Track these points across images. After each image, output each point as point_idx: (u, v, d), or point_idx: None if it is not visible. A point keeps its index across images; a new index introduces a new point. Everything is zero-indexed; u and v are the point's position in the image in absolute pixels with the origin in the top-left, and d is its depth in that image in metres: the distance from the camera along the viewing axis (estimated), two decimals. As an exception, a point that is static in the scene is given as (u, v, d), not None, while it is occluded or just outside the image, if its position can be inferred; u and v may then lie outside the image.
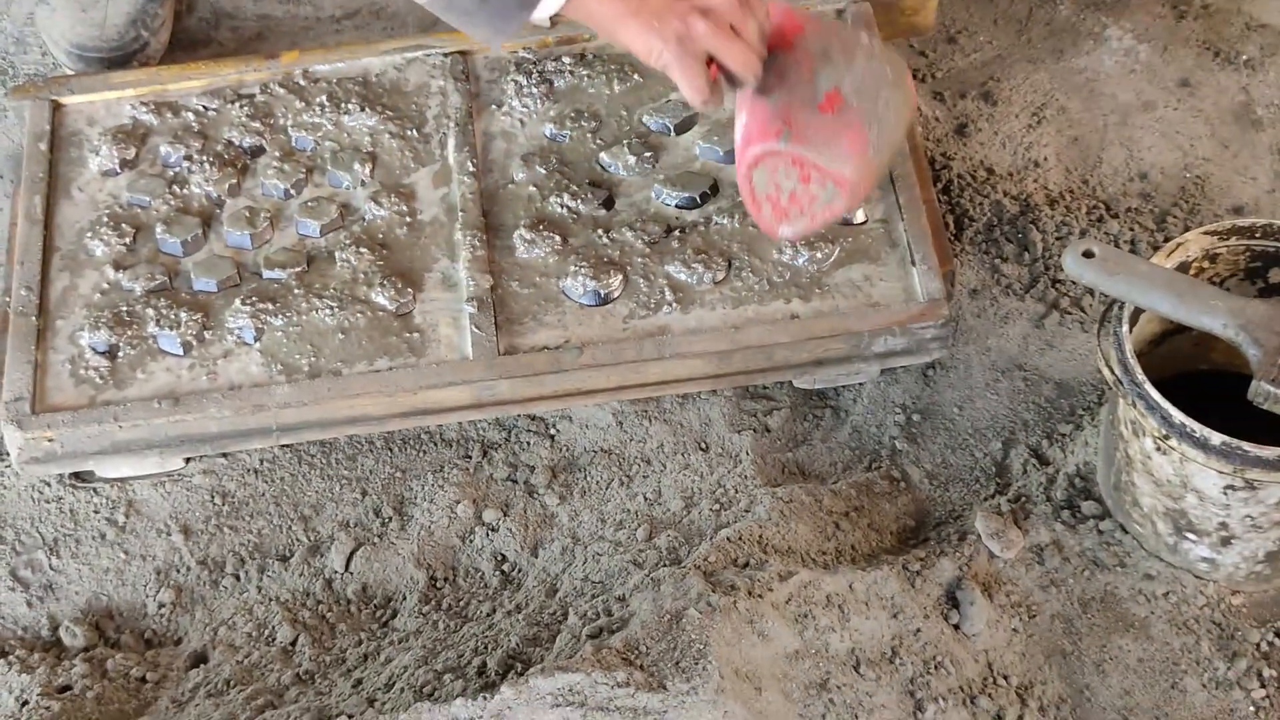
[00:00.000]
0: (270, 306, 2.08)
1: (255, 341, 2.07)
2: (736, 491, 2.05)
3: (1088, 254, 1.83)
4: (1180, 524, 1.89)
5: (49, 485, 2.14)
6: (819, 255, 2.08)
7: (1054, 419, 2.11)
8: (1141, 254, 2.21)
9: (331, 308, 2.08)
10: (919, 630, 1.86)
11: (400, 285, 2.09)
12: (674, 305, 2.06)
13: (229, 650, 1.98)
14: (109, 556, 2.09)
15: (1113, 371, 1.82)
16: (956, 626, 1.89)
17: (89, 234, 2.17)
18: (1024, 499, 2.02)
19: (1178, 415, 1.77)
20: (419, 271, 2.12)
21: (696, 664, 1.69)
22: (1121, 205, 2.31)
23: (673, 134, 2.22)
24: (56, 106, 2.31)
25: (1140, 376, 1.80)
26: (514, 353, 2.04)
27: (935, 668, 1.84)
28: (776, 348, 2.04)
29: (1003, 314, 2.21)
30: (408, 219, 2.17)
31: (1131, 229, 2.27)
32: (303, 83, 2.31)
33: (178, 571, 2.08)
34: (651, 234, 2.12)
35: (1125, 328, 1.83)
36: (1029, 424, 2.11)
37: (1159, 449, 1.82)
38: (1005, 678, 1.87)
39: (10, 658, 1.98)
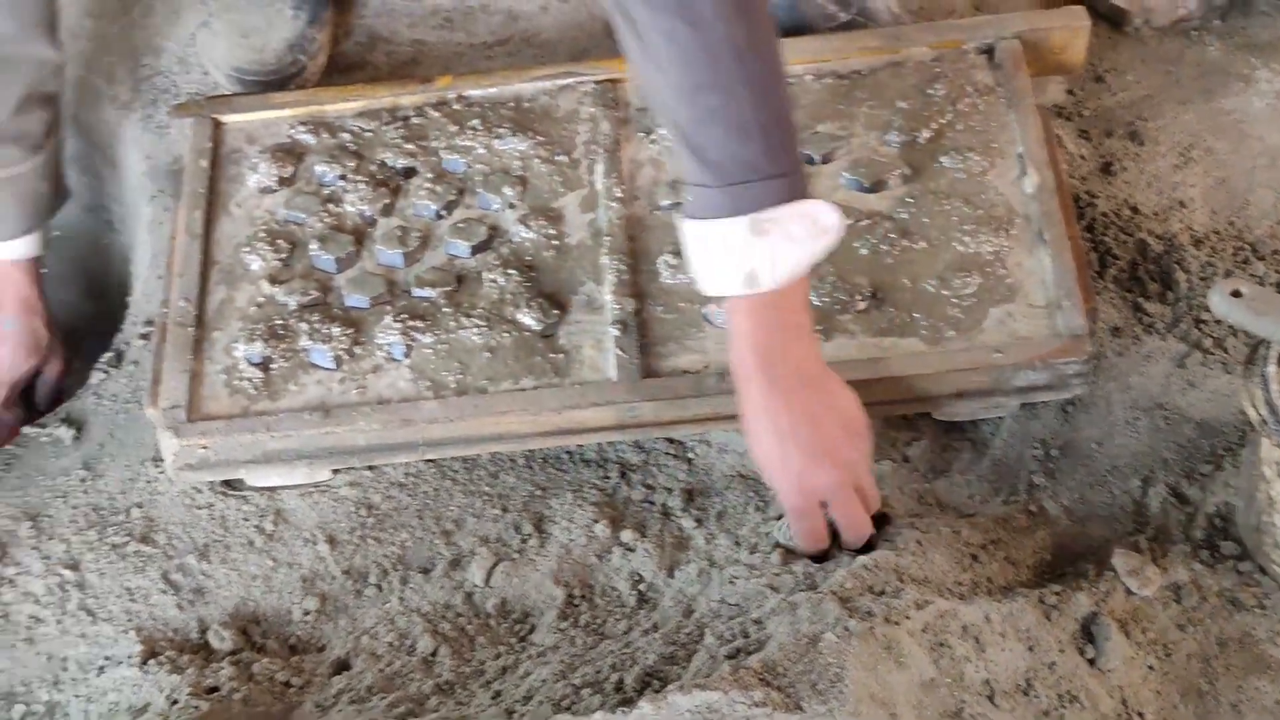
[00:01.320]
0: (420, 324, 2.13)
1: (404, 358, 2.11)
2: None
3: (1235, 293, 1.82)
4: (1323, 567, 1.88)
5: (200, 492, 2.20)
6: (962, 288, 2.09)
7: (1194, 459, 2.09)
8: (1288, 296, 2.20)
9: (479, 326, 2.12)
10: (1054, 663, 1.85)
11: (546, 306, 2.13)
12: (816, 334, 2.07)
13: (371, 659, 2.03)
14: (257, 563, 2.14)
15: (1258, 412, 1.81)
16: (1091, 661, 1.88)
17: (246, 249, 2.24)
18: (1162, 537, 2.01)
19: (1324, 457, 1.76)
20: (565, 293, 2.16)
21: (833, 687, 1.70)
22: (1268, 247, 2.29)
23: (818, 163, 2.24)
24: (217, 124, 2.38)
25: (1287, 417, 1.79)
26: (656, 376, 2.07)
27: (1070, 701, 1.83)
28: (917, 379, 2.05)
29: (1144, 352, 2.20)
30: (555, 242, 2.21)
31: (1278, 271, 2.26)
32: (456, 106, 2.36)
33: (323, 580, 2.13)
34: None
35: (1272, 368, 1.82)
36: (1169, 463, 2.10)
37: (1303, 491, 1.81)
38: (1140, 715, 1.86)
39: (161, 658, 2.04)
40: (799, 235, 1.80)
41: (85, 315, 2.75)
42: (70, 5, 2.67)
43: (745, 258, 1.79)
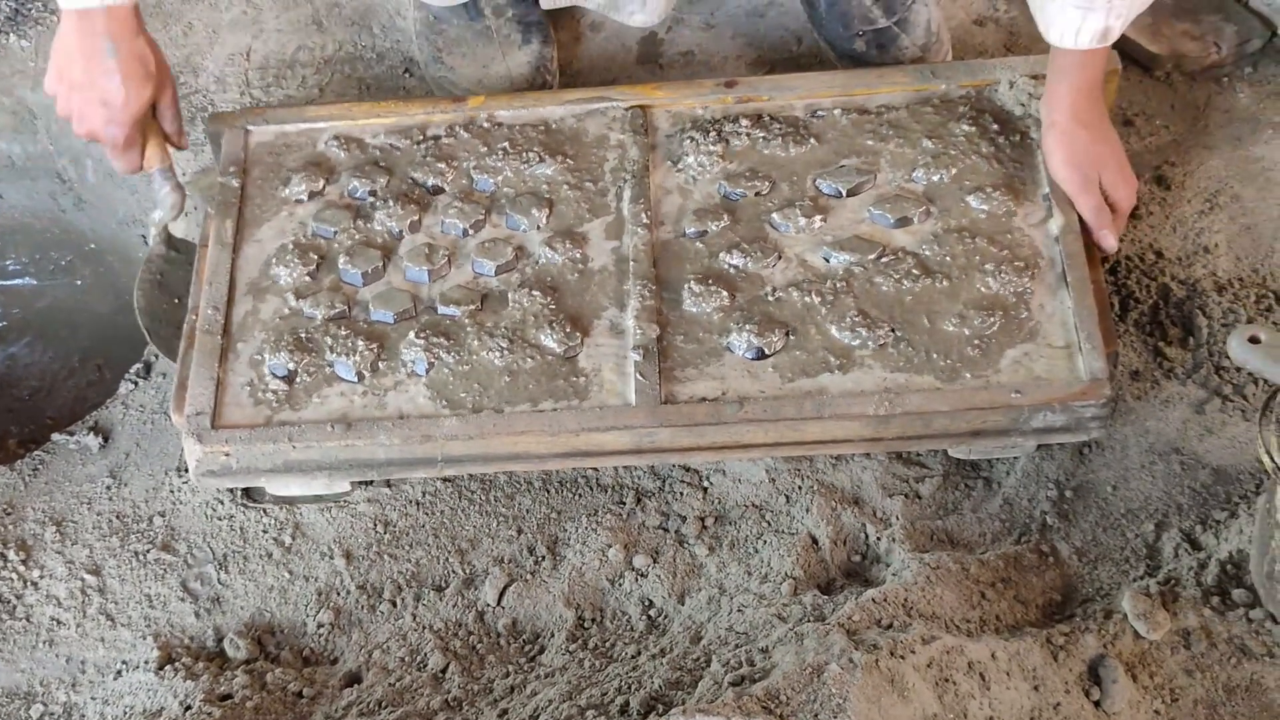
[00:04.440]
0: (443, 341, 2.14)
1: (426, 374, 2.13)
2: (885, 554, 2.07)
3: (1254, 339, 1.83)
4: (1332, 618, 1.88)
5: (222, 503, 2.22)
6: (982, 327, 2.10)
7: (1209, 505, 2.10)
8: (1309, 345, 2.20)
9: (501, 347, 2.13)
10: (1059, 704, 1.86)
11: (569, 329, 2.15)
12: (835, 367, 2.09)
13: (382, 673, 2.05)
14: (274, 575, 2.17)
15: (1273, 459, 1.82)
16: (1097, 704, 1.89)
17: (274, 260, 2.26)
18: (1174, 582, 2.02)
19: (1335, 508, 1.76)
20: (588, 317, 2.17)
21: (835, 717, 1.71)
22: (1291, 295, 2.30)
23: (844, 198, 2.25)
24: (250, 136, 2.40)
25: (1300, 467, 1.79)
26: (674, 402, 2.08)
27: (1074, 743, 1.84)
28: (935, 416, 2.06)
29: (1163, 397, 2.20)
30: (580, 265, 2.22)
31: (1300, 319, 2.27)
32: (486, 126, 2.39)
33: (338, 594, 2.15)
34: (817, 295, 2.15)
35: (1287, 417, 1.83)
36: (1183, 508, 2.10)
37: (1314, 541, 1.81)
38: (1144, 759, 1.87)
39: (177, 664, 2.06)
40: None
41: (117, 328, 2.78)
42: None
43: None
